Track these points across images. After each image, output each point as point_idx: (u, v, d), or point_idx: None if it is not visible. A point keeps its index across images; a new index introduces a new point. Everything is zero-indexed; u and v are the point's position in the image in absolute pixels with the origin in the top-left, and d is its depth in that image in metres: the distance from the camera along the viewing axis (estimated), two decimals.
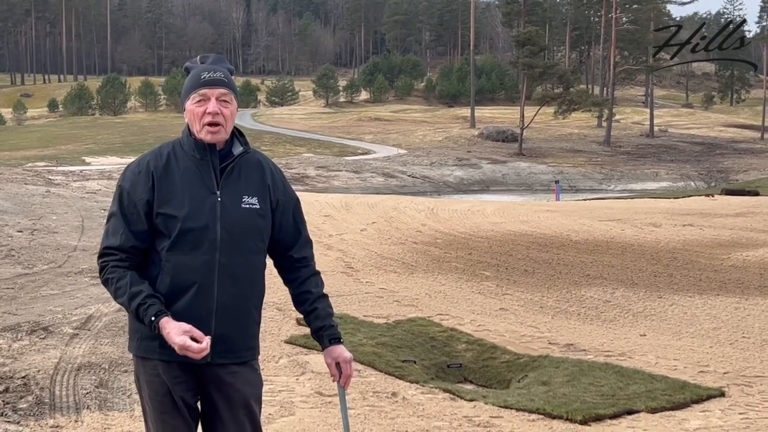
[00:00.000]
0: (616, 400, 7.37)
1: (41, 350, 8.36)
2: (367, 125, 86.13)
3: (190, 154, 3.53)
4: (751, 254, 18.03)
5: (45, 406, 6.78)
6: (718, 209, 29.14)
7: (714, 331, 10.99)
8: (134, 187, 3.46)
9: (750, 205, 30.70)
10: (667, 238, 20.64)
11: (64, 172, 45.13)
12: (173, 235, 3.43)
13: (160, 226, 3.45)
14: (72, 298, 11.23)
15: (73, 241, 17.22)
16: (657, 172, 66.45)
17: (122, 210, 3.46)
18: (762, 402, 7.56)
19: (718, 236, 21.00)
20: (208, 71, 3.53)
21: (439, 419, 6.93)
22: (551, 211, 28.35)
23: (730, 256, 17.84)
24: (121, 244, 3.44)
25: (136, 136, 74.38)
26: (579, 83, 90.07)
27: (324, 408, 7.09)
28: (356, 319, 10.48)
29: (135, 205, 3.45)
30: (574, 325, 11.17)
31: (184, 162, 3.51)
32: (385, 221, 22.67)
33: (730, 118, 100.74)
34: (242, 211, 3.54)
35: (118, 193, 3.48)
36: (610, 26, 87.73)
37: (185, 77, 3.66)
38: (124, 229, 3.44)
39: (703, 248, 18.91)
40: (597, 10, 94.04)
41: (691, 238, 20.73)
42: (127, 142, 69.53)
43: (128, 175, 3.51)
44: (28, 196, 26.26)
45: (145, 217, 3.44)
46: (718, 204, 32.25)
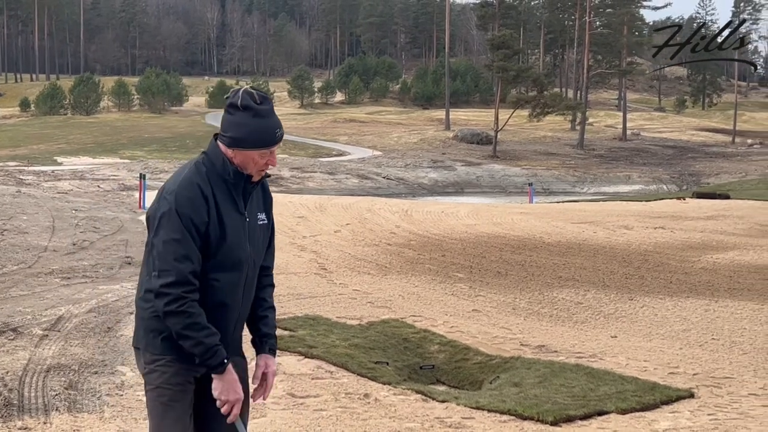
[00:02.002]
0: (586, 401, 7.39)
1: (10, 351, 8.31)
2: (342, 127, 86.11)
3: (226, 178, 3.63)
4: (722, 257, 18.16)
5: (13, 408, 6.74)
6: (689, 212, 29.33)
7: (684, 332, 11.05)
8: (196, 211, 3.53)
9: (721, 209, 30.92)
10: (638, 240, 20.75)
11: (36, 172, 44.82)
12: (218, 255, 3.58)
13: (211, 248, 3.57)
14: (42, 299, 11.16)
15: (44, 242, 17.12)
16: (629, 175, 66.77)
17: (188, 234, 3.51)
18: (731, 403, 7.61)
19: (689, 239, 21.14)
20: (277, 128, 3.66)
21: (411, 420, 6.93)
22: (524, 213, 28.44)
23: (701, 258, 17.96)
24: (194, 268, 3.51)
25: (108, 136, 74.03)
26: (553, 86, 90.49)
27: (296, 409, 7.08)
28: (329, 321, 10.48)
29: (197, 229, 3.52)
30: (546, 327, 11.21)
31: (218, 185, 3.62)
32: (360, 223, 22.67)
33: (702, 122, 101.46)
34: (258, 228, 3.79)
35: (177, 218, 3.50)
36: (584, 30, 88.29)
37: (225, 99, 3.78)
38: (194, 253, 3.52)
39: (674, 251, 19.03)
40: (571, 14, 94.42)
41: (663, 240, 20.85)
42: (100, 143, 69.18)
43: (183, 201, 3.52)
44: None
45: (200, 239, 3.53)
46: (690, 207, 32.45)
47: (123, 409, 6.85)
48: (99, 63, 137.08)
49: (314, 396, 7.49)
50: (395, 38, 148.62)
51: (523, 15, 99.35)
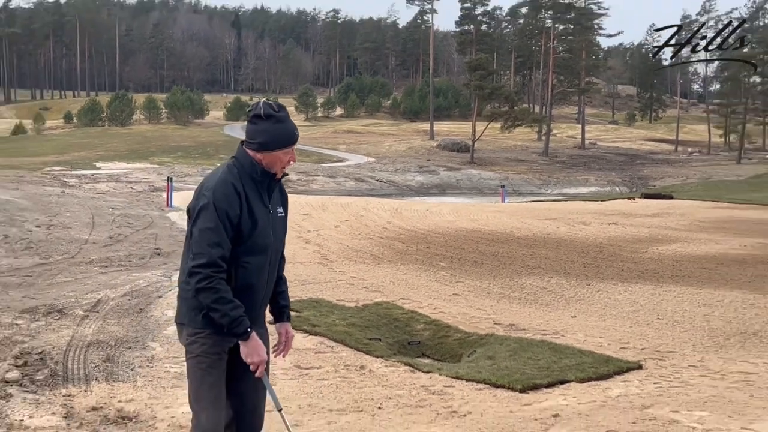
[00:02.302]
0: (550, 372, 7.41)
1: (56, 329, 8.32)
2: (341, 137, 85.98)
3: (255, 177, 3.75)
4: (666, 248, 18.21)
5: (59, 378, 6.75)
6: (638, 210, 29.42)
7: (633, 313, 11.08)
8: (230, 205, 3.62)
9: (665, 207, 31.04)
10: (594, 234, 20.80)
11: (78, 175, 44.72)
12: (248, 241, 3.68)
13: (243, 236, 3.67)
14: (83, 284, 11.17)
15: (85, 235, 17.12)
16: (587, 178, 66.87)
17: (221, 225, 3.60)
18: (673, 373, 7.64)
19: (638, 233, 21.20)
20: (295, 129, 3.81)
21: (400, 389, 6.94)
22: (497, 211, 28.48)
23: (648, 250, 18.01)
24: (223, 254, 3.60)
25: (140, 144, 73.76)
26: (522, 102, 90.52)
27: (301, 379, 7.10)
28: (330, 303, 10.49)
29: (230, 221, 3.62)
30: (515, 308, 11.23)
31: (247, 183, 3.72)
32: (356, 219, 22.68)
33: (649, 133, 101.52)
34: (278, 219, 3.91)
35: (214, 211, 3.60)
36: (548, 54, 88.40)
37: (246, 111, 4.02)
38: (225, 241, 3.61)
39: (625, 243, 19.07)
40: (537, 41, 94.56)
41: (615, 234, 20.90)
42: (133, 150, 68.94)
43: (220, 197, 3.62)
44: (46, 196, 26.09)
45: (232, 229, 3.63)
46: (638, 206, 32.55)
47: (153, 379, 6.86)
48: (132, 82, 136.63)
49: (317, 367, 7.50)
50: (387, 61, 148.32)
51: (496, 41, 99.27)
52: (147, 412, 6.01)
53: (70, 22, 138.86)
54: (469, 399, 6.67)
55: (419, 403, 6.54)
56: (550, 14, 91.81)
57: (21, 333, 8.08)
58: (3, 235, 16.28)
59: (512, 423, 6.07)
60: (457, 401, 6.60)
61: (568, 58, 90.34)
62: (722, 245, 19.03)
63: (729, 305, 11.64)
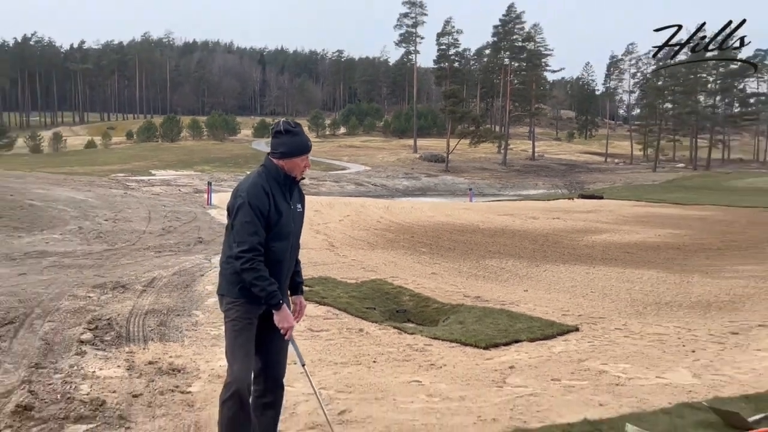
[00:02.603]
0: (507, 333, 7.45)
1: (120, 301, 8.31)
2: (344, 150, 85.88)
3: (279, 180, 3.80)
4: (597, 238, 18.31)
5: (122, 339, 6.75)
6: (575, 208, 29.50)
7: (572, 288, 11.15)
8: (261, 202, 3.69)
9: (597, 205, 31.16)
10: (542, 226, 20.87)
11: (137, 180, 44.57)
12: (275, 230, 3.74)
13: (271, 226, 3.73)
14: (141, 265, 11.16)
15: (143, 227, 17.09)
16: (536, 183, 67.02)
17: (256, 218, 3.68)
18: (603, 334, 7.68)
19: (575, 225, 21.27)
20: (308, 141, 3.88)
21: (390, 347, 6.97)
22: (466, 209, 28.56)
23: (583, 238, 18.09)
24: (260, 240, 3.68)
25: (186, 156, 73.57)
26: (485, 123, 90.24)
27: (313, 339, 7.11)
28: (335, 280, 10.50)
29: (262, 214, 3.68)
30: (480, 284, 11.28)
31: (273, 185, 3.77)
32: (356, 215, 22.68)
33: (585, 148, 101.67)
34: (297, 213, 3.93)
35: (249, 207, 3.69)
36: (506, 86, 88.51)
37: (270, 129, 4.15)
38: (260, 230, 3.69)
39: (565, 233, 19.15)
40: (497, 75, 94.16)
41: (558, 226, 20.98)
42: (180, 160, 68.78)
43: (253, 196, 3.70)
44: (112, 196, 26.02)
45: (264, 221, 3.69)
46: (576, 204, 32.66)
47: (197, 340, 6.86)
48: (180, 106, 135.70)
49: (325, 330, 7.52)
50: (380, 90, 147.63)
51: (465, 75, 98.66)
52: (192, 365, 6.03)
53: (131, 59, 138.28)
54: (444, 354, 6.70)
55: (405, 358, 6.57)
56: (507, 54, 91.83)
57: (93, 304, 8.08)
58: (78, 227, 16.25)
59: (478, 373, 6.11)
60: (435, 356, 6.63)
61: (521, 88, 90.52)
62: (641, 235, 19.13)
63: (646, 281, 11.72)
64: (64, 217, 17.85)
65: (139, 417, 4.82)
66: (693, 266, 13.69)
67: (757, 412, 5.03)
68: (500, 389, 5.63)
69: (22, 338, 6.56)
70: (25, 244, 13.22)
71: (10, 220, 16.46)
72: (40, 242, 13.67)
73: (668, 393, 5.56)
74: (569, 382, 5.85)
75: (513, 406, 5.20)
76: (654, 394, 5.54)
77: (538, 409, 5.12)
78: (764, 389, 5.68)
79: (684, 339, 7.49)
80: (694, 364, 6.51)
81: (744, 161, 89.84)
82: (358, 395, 5.40)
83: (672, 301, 10.06)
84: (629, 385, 5.78)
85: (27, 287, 8.79)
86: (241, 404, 3.64)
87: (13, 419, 4.64)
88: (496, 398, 5.38)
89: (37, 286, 8.94)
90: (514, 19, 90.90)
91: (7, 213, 17.28)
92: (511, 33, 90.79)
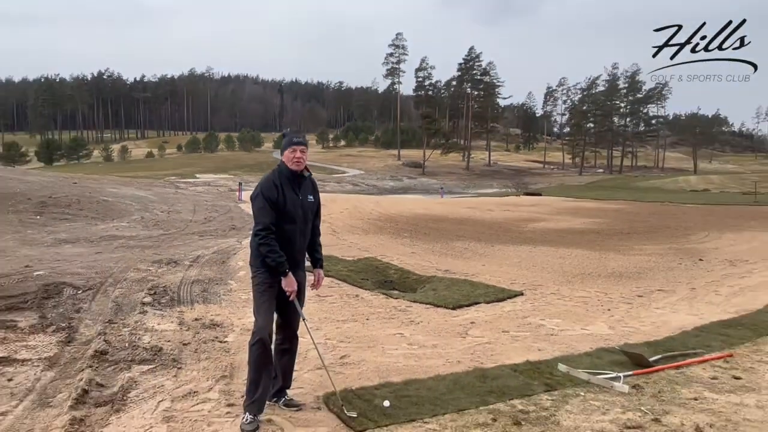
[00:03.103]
0: (469, 297, 7.44)
1: (173, 273, 8.26)
2: (344, 159, 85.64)
3: (286, 175, 3.74)
4: (537, 225, 18.35)
5: (175, 302, 6.72)
6: (521, 202, 29.58)
7: (518, 263, 11.18)
8: (270, 192, 3.66)
9: (537, 201, 31.24)
10: (496, 217, 20.90)
11: (185, 181, 44.33)
12: (282, 215, 3.67)
13: (279, 211, 3.67)
14: (189, 246, 11.10)
15: (189, 217, 16.99)
16: (492, 184, 67.16)
17: (267, 204, 3.65)
18: (541, 297, 7.71)
19: (521, 216, 21.32)
20: (297, 137, 3.79)
21: (379, 308, 6.96)
22: (439, 204, 28.56)
23: (527, 225, 18.13)
24: (270, 221, 3.64)
25: (222, 163, 73.33)
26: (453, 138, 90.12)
27: (319, 303, 7.09)
28: (337, 258, 10.46)
29: (271, 201, 3.65)
30: (449, 261, 11.28)
31: (283, 181, 3.72)
32: (354, 208, 22.61)
33: (528, 157, 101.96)
34: (308, 203, 3.82)
35: (261, 197, 3.67)
36: (468, 110, 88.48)
37: (281, 138, 4.10)
38: (271, 214, 3.65)
39: (514, 222, 19.19)
40: (462, 101, 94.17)
41: (509, 216, 21.02)
42: (218, 167, 68.56)
43: (265, 188, 3.68)
44: (166, 194, 25.80)
45: (273, 207, 3.64)
46: (522, 200, 32.73)
47: (231, 303, 6.83)
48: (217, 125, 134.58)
49: (329, 296, 7.51)
50: (372, 112, 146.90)
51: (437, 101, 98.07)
52: (228, 321, 6.01)
53: (180, 89, 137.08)
54: (421, 313, 6.71)
55: (391, 316, 6.57)
56: (469, 85, 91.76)
57: (152, 275, 8.03)
58: (141, 217, 16.13)
59: (446, 327, 6.12)
60: (414, 315, 6.63)
61: (480, 111, 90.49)
62: (570, 223, 19.20)
63: (574, 257, 11.78)
64: (130, 210, 17.72)
65: (188, 360, 4.81)
66: (609, 246, 13.77)
67: (656, 353, 5.08)
68: (463, 339, 5.65)
69: (98, 301, 6.53)
70: (100, 230, 13.12)
71: (89, 212, 16.33)
72: (112, 229, 13.57)
73: (590, 340, 5.61)
74: (516, 333, 5.88)
75: (473, 351, 5.22)
76: (579, 341, 5.58)
77: (492, 353, 5.14)
78: (661, 337, 5.74)
79: (602, 300, 7.55)
80: (609, 319, 6.56)
81: (647, 167, 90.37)
82: (354, 344, 5.41)
83: (593, 272, 10.12)
84: (561, 335, 5.82)
85: (102, 262, 8.74)
86: (264, 348, 3.64)
87: (92, 361, 4.62)
88: (460, 346, 5.40)
89: (109, 261, 8.88)
90: (474, 58, 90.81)
91: (86, 206, 17.14)
92: (472, 68, 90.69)
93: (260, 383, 3.64)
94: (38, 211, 15.41)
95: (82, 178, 32.37)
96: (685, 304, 7.33)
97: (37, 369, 4.46)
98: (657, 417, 3.75)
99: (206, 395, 4.08)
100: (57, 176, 29.00)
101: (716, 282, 8.88)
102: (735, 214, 22.69)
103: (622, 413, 3.81)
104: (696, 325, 6.19)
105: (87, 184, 26.64)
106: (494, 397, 4.02)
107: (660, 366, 4.76)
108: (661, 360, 4.92)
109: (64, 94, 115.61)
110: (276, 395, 3.90)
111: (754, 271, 9.86)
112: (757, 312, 6.81)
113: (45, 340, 5.13)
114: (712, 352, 5.19)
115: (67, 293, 6.74)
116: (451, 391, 4.12)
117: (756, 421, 3.73)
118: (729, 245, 13.76)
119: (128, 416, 3.71)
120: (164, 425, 3.58)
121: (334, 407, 3.81)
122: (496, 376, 4.44)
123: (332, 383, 3.98)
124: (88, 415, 3.69)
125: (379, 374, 4.50)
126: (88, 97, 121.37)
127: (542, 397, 4.07)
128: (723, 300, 7.57)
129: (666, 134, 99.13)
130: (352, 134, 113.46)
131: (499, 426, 3.57)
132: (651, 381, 4.44)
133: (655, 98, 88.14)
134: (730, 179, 60.03)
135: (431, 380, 4.34)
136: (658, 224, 19.11)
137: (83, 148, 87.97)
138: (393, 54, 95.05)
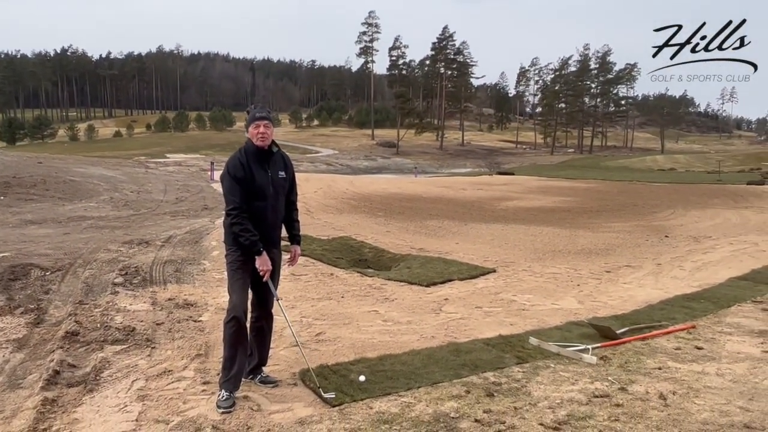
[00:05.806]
0: (443, 275, 7.50)
1: (144, 253, 8.15)
2: (317, 138, 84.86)
3: (252, 152, 3.64)
4: (510, 204, 18.55)
5: (147, 282, 6.63)
6: (494, 182, 29.83)
7: (491, 240, 11.31)
8: (237, 171, 3.58)
9: (509, 180, 31.53)
10: (470, 196, 21.06)
11: (155, 161, 43.42)
12: (252, 192, 3.59)
13: (248, 189, 3.59)
14: (160, 226, 10.94)
15: (160, 197, 16.72)
16: (465, 163, 67.45)
17: (234, 183, 3.58)
18: (513, 274, 7.81)
19: (494, 195, 21.52)
20: (259, 113, 3.69)
21: (354, 286, 6.98)
22: (413, 183, 28.60)
23: (500, 204, 18.32)
24: (241, 200, 3.58)
25: (193, 143, 71.99)
26: (427, 118, 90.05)
27: (295, 282, 7.09)
28: (312, 237, 10.43)
29: (239, 180, 3.57)
30: (423, 239, 11.35)
31: (250, 158, 3.63)
32: (327, 187, 22.52)
33: (501, 137, 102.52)
34: (279, 179, 3.73)
35: (228, 176, 3.61)
36: (442, 89, 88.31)
37: (245, 115, 3.90)
38: (239, 192, 3.58)
39: (487, 201, 19.36)
40: (435, 81, 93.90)
41: (482, 195, 21.19)
42: (189, 146, 67.35)
43: (231, 167, 3.61)
44: (135, 174, 25.32)
45: (240, 185, 3.56)
46: (494, 179, 33.01)
47: (205, 282, 6.78)
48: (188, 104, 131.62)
49: (304, 275, 7.50)
50: (345, 91, 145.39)
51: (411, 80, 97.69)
52: (202, 301, 5.97)
53: (148, 66, 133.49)
54: (396, 291, 6.75)
55: (366, 294, 6.60)
56: (443, 65, 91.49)
57: (123, 255, 7.91)
58: (110, 197, 15.81)
59: (421, 304, 6.18)
60: (389, 292, 6.67)
61: (453, 91, 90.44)
62: (542, 201, 19.45)
63: (545, 235, 11.96)
64: (98, 190, 17.34)
65: (162, 339, 4.77)
66: (579, 224, 14.01)
67: (623, 326, 5.23)
68: (437, 315, 5.71)
69: (68, 282, 6.41)
70: (68, 211, 12.83)
71: (56, 192, 15.93)
72: (80, 209, 13.27)
73: (560, 315, 5.73)
74: (488, 309, 5.97)
75: (447, 326, 5.29)
76: (550, 315, 5.70)
77: (465, 328, 5.22)
78: (628, 310, 5.91)
79: (572, 276, 7.70)
80: (578, 294, 6.71)
81: (617, 147, 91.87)
82: (330, 321, 5.43)
83: (563, 249, 10.30)
84: (532, 310, 5.93)
85: (70, 243, 8.56)
86: (239, 325, 3.62)
87: (63, 341, 4.55)
88: (434, 322, 5.46)
89: (78, 242, 8.71)
90: (447, 37, 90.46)
91: (53, 187, 16.70)
92: (446, 48, 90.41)
93: (236, 360, 3.63)
94: (2, 192, 14.97)
95: (48, 158, 31.46)
96: (651, 279, 7.53)
97: (6, 351, 4.38)
98: (623, 386, 3.88)
99: (181, 374, 4.06)
100: (20, 156, 28.16)
101: (681, 257, 9.13)
102: (700, 192, 23.30)
103: (590, 383, 3.93)
104: (661, 298, 6.38)
105: (53, 164, 25.92)
106: (467, 370, 4.10)
107: (627, 338, 4.90)
108: (627, 332, 5.07)
109: (26, 71, 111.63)
110: (252, 372, 3.90)
111: (716, 246, 10.17)
112: (719, 286, 7.05)
113: (13, 322, 5.03)
114: (676, 324, 5.36)
115: (35, 274, 6.60)
116: (426, 365, 4.18)
117: (716, 388, 3.89)
118: (693, 222, 14.15)
119: (102, 396, 3.68)
120: (139, 403, 3.56)
121: (310, 383, 3.84)
122: (470, 350, 4.52)
123: (306, 361, 4.00)
124: (61, 395, 3.65)
125: (354, 350, 4.53)
126: (51, 74, 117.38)
127: (514, 369, 4.16)
128: (687, 275, 7.80)
129: (635, 115, 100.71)
130: (325, 113, 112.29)
131: (473, 397, 3.65)
132: (618, 352, 4.58)
133: (625, 79, 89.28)
134: (695, 159, 61.49)
135: (406, 355, 4.40)
136: (626, 202, 19.50)
137: (47, 127, 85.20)
138: (366, 32, 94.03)
